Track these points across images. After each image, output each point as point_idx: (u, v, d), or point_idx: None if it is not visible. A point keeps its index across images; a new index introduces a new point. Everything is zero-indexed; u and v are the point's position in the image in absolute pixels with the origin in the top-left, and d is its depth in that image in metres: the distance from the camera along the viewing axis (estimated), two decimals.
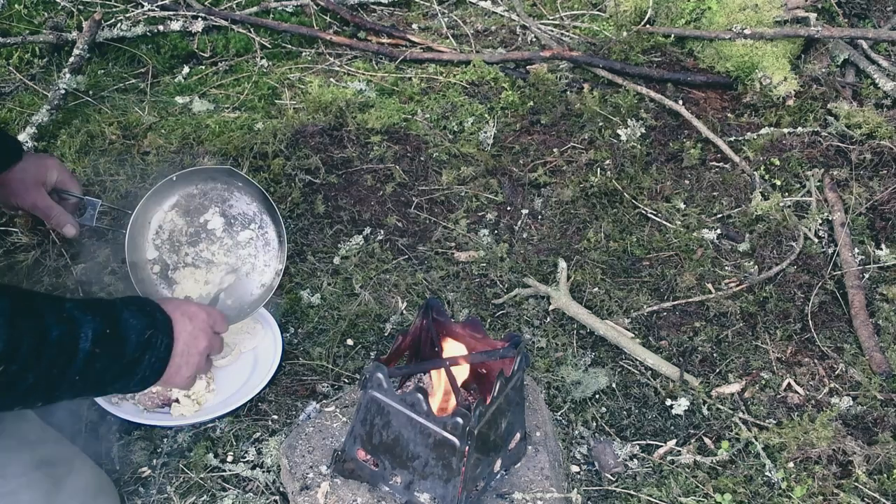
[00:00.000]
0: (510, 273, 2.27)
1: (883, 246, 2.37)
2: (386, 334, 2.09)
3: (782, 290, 2.24)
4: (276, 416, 1.87)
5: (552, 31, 3.24)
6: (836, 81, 2.94)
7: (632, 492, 1.75)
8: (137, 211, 1.86)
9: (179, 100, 2.82)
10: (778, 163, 2.62)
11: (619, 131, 2.70)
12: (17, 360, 1.08)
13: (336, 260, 2.28)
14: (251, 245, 2.04)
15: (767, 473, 1.80)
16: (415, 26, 3.29)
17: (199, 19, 3.07)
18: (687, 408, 1.95)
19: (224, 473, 1.74)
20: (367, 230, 2.37)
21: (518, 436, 1.63)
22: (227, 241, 2.02)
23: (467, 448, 1.42)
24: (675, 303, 2.20)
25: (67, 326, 1.18)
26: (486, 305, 2.18)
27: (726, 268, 2.32)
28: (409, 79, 2.96)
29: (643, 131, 2.71)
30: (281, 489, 1.69)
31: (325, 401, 1.85)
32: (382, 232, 2.37)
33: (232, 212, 2.02)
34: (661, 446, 1.87)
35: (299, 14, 3.25)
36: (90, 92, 2.79)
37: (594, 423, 1.91)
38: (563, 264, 2.26)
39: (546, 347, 2.08)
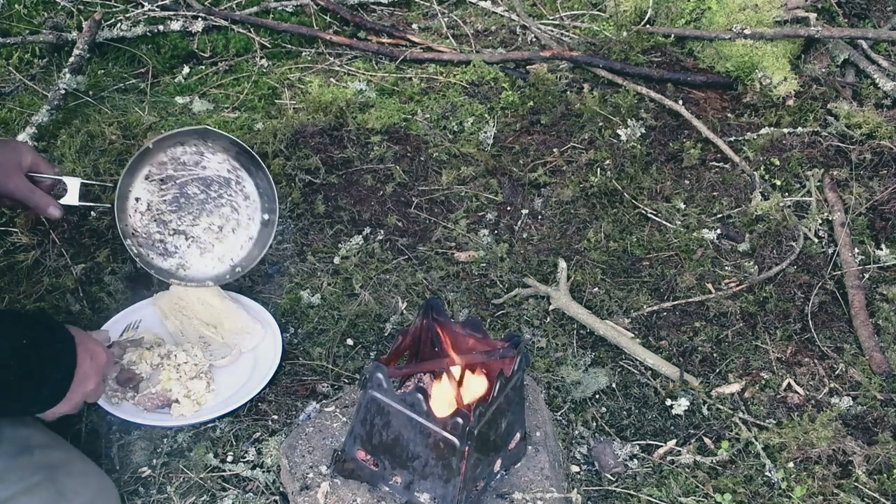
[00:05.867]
0: (510, 273, 2.27)
1: (883, 246, 2.37)
2: (386, 334, 2.09)
3: (782, 290, 2.24)
4: (276, 416, 1.87)
5: (552, 31, 3.24)
6: (836, 81, 2.94)
7: (632, 492, 1.75)
8: (121, 183, 1.88)
9: (179, 100, 2.82)
10: (778, 163, 2.62)
11: (619, 131, 2.70)
12: None
13: (336, 260, 2.28)
14: (230, 203, 2.05)
15: (767, 473, 1.80)
16: (415, 26, 3.29)
17: (199, 19, 3.07)
18: (687, 408, 1.95)
19: (224, 473, 1.74)
20: (367, 230, 2.37)
21: (518, 436, 1.63)
22: (208, 203, 2.04)
23: (467, 448, 1.42)
24: (675, 303, 2.20)
25: None
26: (486, 305, 2.18)
27: (726, 268, 2.32)
28: (409, 79, 2.96)
29: (643, 131, 2.70)
30: (281, 489, 1.69)
31: (325, 401, 1.85)
32: (382, 232, 2.37)
33: (206, 173, 2.03)
34: (661, 446, 1.87)
35: (299, 14, 3.25)
36: (90, 92, 2.79)
37: (594, 423, 1.91)
38: (563, 264, 2.26)
39: (546, 347, 2.08)
